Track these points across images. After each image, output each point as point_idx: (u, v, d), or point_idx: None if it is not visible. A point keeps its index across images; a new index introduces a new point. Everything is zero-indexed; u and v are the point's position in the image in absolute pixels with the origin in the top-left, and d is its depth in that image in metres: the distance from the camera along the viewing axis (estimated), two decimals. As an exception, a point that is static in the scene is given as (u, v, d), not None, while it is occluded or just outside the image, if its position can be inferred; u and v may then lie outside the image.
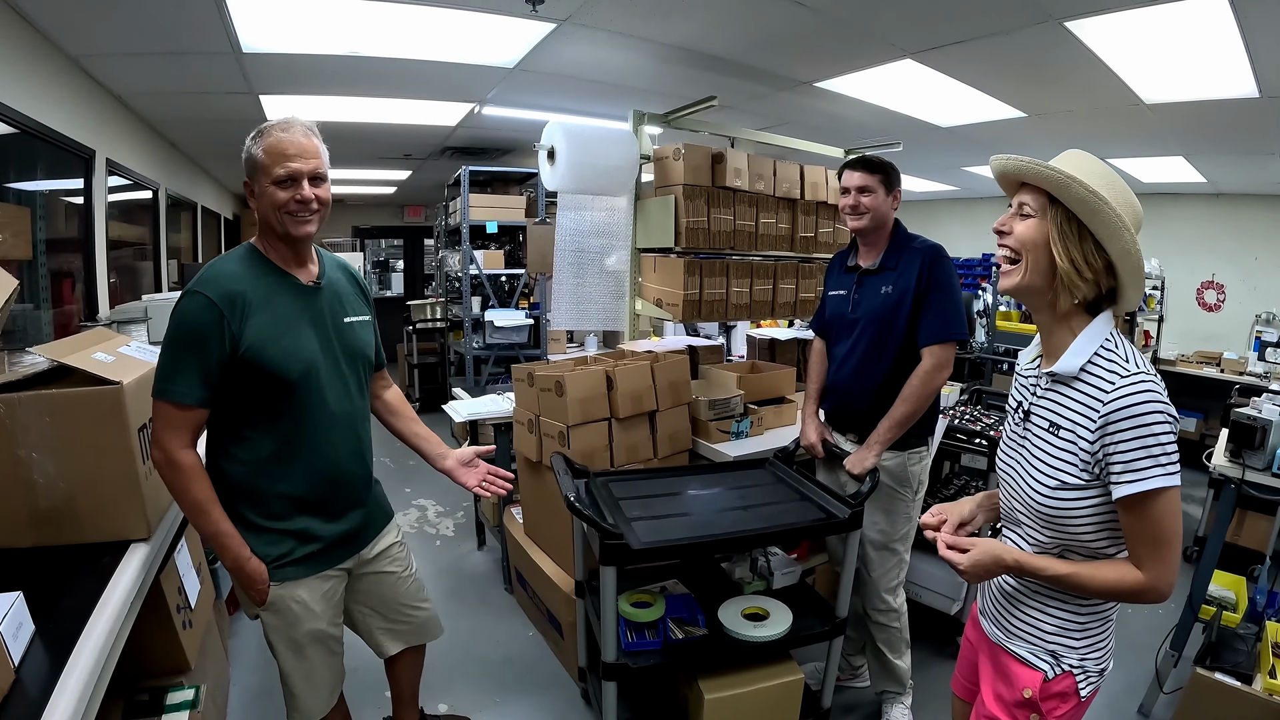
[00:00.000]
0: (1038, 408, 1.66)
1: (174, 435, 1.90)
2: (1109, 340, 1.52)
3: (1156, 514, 1.44)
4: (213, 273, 1.96)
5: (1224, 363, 7.82)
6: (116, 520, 2.02)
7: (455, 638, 3.90)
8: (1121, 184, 1.50)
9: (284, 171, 1.96)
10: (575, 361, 3.76)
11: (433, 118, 6.49)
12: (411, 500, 6.05)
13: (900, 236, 3.05)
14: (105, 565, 1.89)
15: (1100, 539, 1.56)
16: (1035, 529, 1.65)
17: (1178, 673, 3.41)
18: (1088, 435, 1.49)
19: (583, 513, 2.42)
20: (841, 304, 3.14)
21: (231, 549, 2.00)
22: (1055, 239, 1.51)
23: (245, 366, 1.94)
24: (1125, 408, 1.43)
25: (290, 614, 2.15)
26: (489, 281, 8.03)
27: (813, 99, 5.49)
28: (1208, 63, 4.11)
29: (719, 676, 2.65)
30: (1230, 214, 8.60)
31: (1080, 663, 1.65)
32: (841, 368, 3.12)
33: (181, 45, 4.25)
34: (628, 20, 3.96)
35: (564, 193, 4.14)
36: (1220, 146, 6.28)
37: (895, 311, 2.92)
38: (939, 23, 3.87)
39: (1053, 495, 1.56)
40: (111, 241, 5.33)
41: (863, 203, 2.97)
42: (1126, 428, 1.43)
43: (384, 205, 13.98)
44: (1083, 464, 1.51)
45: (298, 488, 2.10)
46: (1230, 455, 3.38)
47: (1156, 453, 1.41)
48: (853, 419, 3.14)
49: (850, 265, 3.17)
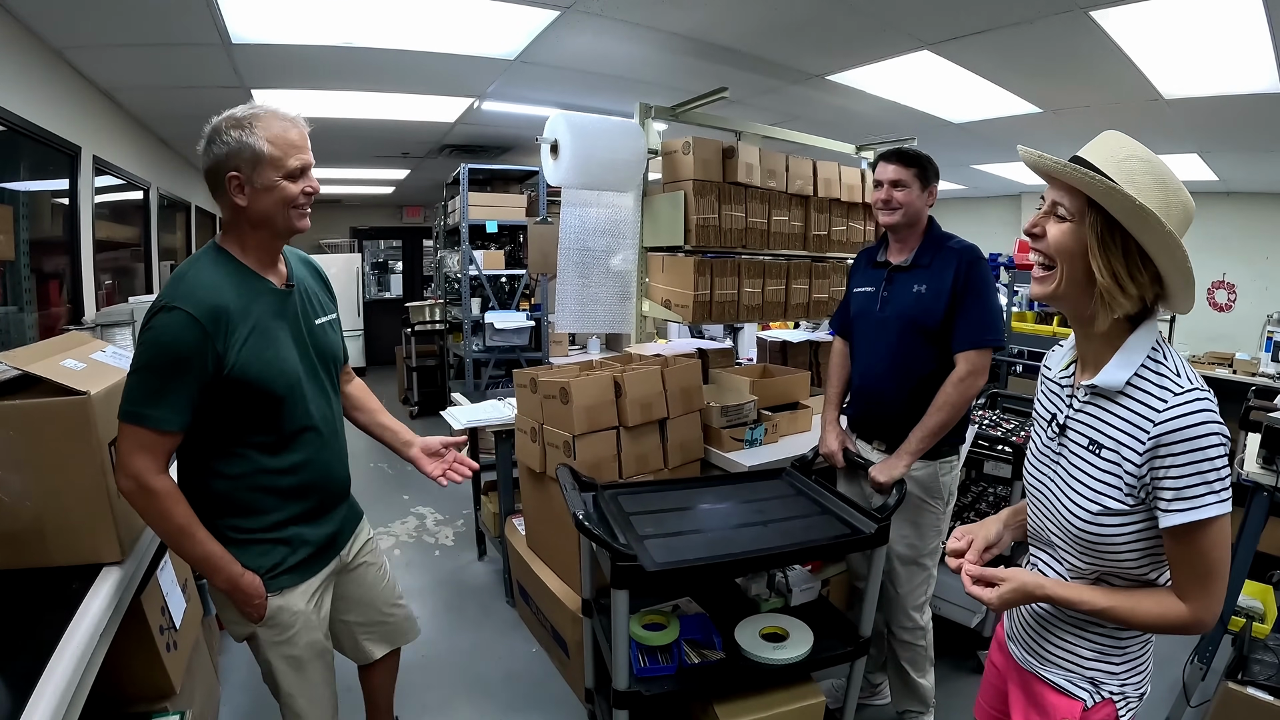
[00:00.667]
0: (1075, 422, 1.51)
1: (148, 461, 1.75)
2: (1155, 350, 1.39)
3: (1207, 544, 1.32)
4: (189, 284, 1.81)
5: (1236, 363, 7.77)
6: (86, 541, 1.92)
7: (455, 654, 3.84)
8: (1168, 176, 1.32)
9: (299, 163, 1.88)
10: (580, 366, 3.64)
11: (431, 113, 6.40)
12: (410, 508, 5.93)
13: (935, 234, 2.93)
14: (75, 591, 1.80)
15: (1143, 565, 1.44)
16: (1071, 553, 1.51)
17: (1204, 686, 3.27)
18: (1135, 458, 1.35)
19: (593, 533, 2.26)
20: (869, 301, 3.01)
21: (224, 569, 1.88)
22: (1095, 250, 1.34)
23: (230, 385, 1.82)
24: (1181, 429, 1.29)
25: (289, 626, 2.05)
26: (489, 282, 7.92)
27: (824, 93, 5.38)
28: (1231, 56, 4.05)
29: (736, 701, 2.50)
30: (1241, 213, 8.57)
31: (1121, 688, 1.53)
32: (869, 370, 3.01)
33: (169, 36, 4.13)
34: (634, 7, 3.83)
35: (568, 188, 4.03)
36: (1236, 143, 6.25)
37: (929, 312, 2.79)
38: (961, 11, 3.76)
39: (1094, 521, 1.43)
40: (103, 242, 5.23)
41: (895, 197, 2.85)
42: (1181, 450, 1.29)
43: (382, 206, 13.92)
44: (1128, 488, 1.38)
45: (288, 498, 2.02)
46: (1263, 462, 3.25)
47: (1211, 478, 1.28)
48: (881, 426, 3.01)
49: (880, 261, 3.03)
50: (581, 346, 6.85)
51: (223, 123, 1.84)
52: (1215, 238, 8.60)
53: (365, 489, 6.24)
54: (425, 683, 3.54)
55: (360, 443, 7.19)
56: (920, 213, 2.89)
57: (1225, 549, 1.33)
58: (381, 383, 11.57)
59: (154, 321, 1.75)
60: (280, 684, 2.10)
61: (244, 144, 1.81)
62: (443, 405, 7.99)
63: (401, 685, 3.46)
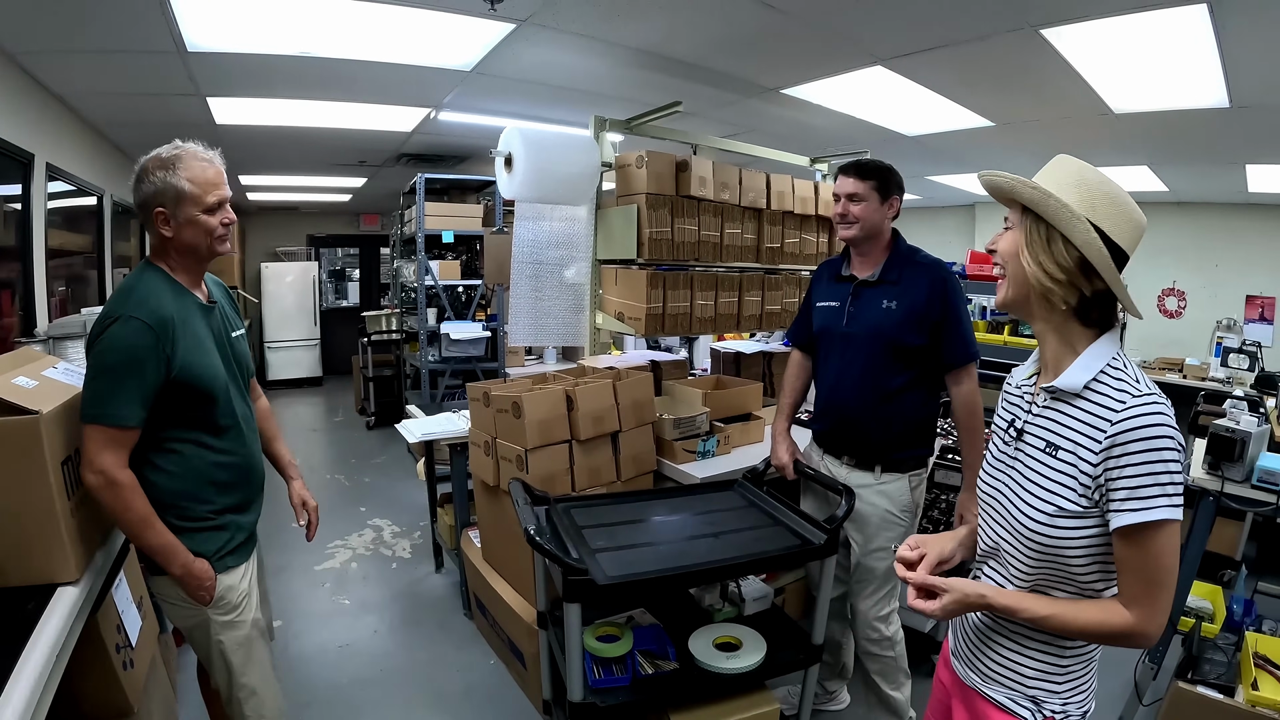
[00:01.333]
0: (1033, 426, 1.54)
1: (113, 456, 1.94)
2: (1117, 359, 1.43)
3: (1156, 549, 1.33)
4: (139, 296, 2.02)
5: (1186, 368, 8.00)
6: (39, 562, 1.90)
7: (413, 666, 3.83)
8: (1098, 181, 1.42)
9: (215, 199, 2.12)
10: (534, 379, 3.64)
11: (388, 123, 6.36)
12: (367, 520, 5.89)
13: (902, 249, 2.91)
14: (30, 612, 1.77)
15: (1092, 573, 1.44)
16: (1020, 561, 1.52)
17: (1156, 685, 3.37)
18: (1090, 458, 1.38)
19: (544, 548, 2.28)
20: (834, 316, 2.97)
21: (179, 556, 2.07)
22: (1023, 245, 1.45)
23: (175, 386, 2.04)
24: (1136, 429, 1.32)
25: (236, 606, 2.26)
26: (445, 292, 7.93)
27: (779, 106, 5.43)
28: (1180, 72, 4.11)
29: (691, 710, 2.52)
30: (1191, 222, 8.76)
31: (1064, 707, 1.53)
32: (838, 385, 2.97)
33: (123, 43, 4.09)
34: (590, 21, 3.84)
35: (521, 201, 4.03)
36: (1185, 156, 6.37)
37: (900, 328, 2.78)
38: (915, 28, 3.81)
39: (1048, 523, 1.43)
40: (54, 250, 5.14)
41: (852, 211, 2.84)
42: (1136, 451, 1.32)
43: (339, 213, 13.73)
44: (1082, 489, 1.40)
45: (221, 484, 2.22)
46: (1208, 467, 3.36)
47: (1165, 482, 1.30)
48: (851, 441, 2.98)
49: (844, 274, 3.00)
50: (538, 357, 6.85)
51: (149, 163, 2.08)
52: (1166, 247, 8.80)
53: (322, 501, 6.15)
54: (384, 697, 3.53)
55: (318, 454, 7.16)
56: (880, 225, 2.87)
57: (1174, 558, 1.35)
58: (338, 393, 11.48)
59: (111, 329, 1.94)
60: (232, 664, 2.27)
61: (168, 184, 2.06)
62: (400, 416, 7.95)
63: (361, 700, 3.49)
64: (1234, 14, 3.23)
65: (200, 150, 2.14)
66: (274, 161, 8.29)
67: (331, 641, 4.01)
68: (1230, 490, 3.26)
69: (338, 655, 3.89)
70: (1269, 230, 8.23)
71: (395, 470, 7.29)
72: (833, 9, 3.60)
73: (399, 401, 9.08)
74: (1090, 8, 3.37)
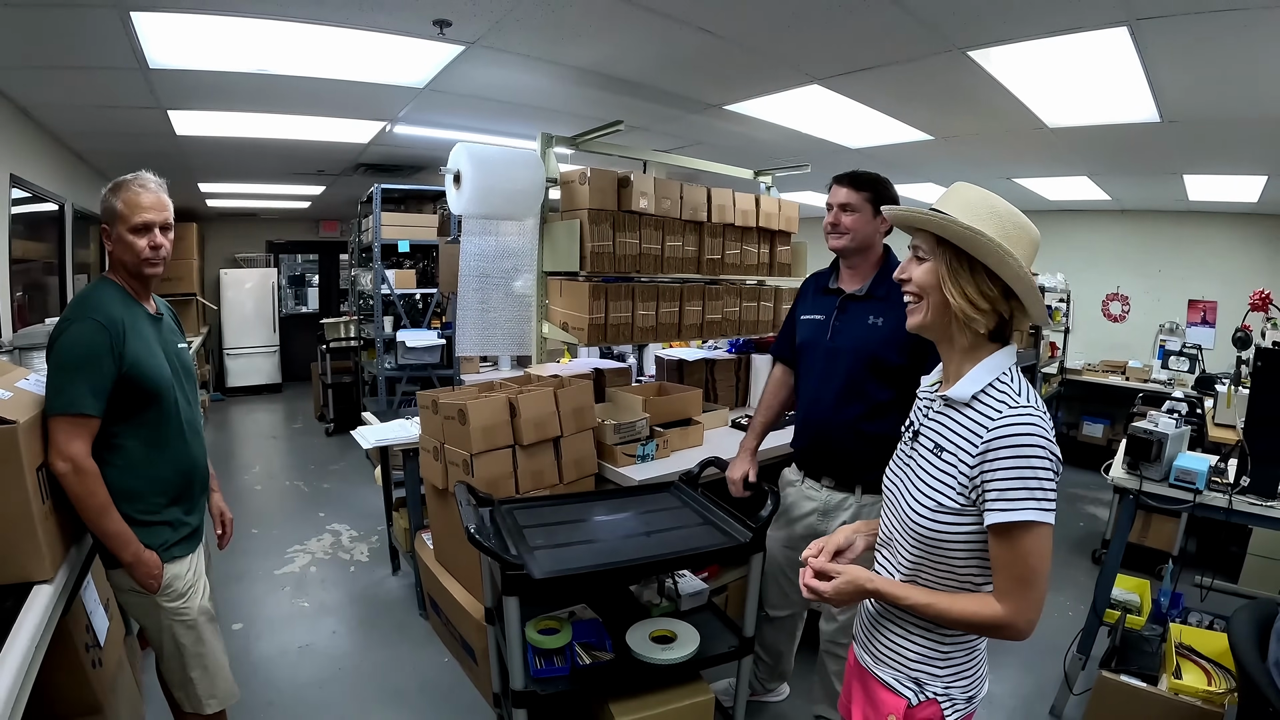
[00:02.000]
0: (926, 428, 1.67)
1: (80, 445, 2.12)
2: (1006, 374, 1.54)
3: (1024, 548, 1.44)
4: (93, 301, 2.24)
5: (1129, 371, 8.22)
6: (16, 562, 1.99)
7: (371, 666, 3.92)
8: (1006, 209, 1.52)
9: (140, 220, 2.29)
10: (480, 387, 3.75)
11: (344, 135, 6.44)
12: (325, 525, 5.97)
13: (893, 264, 2.80)
14: (8, 609, 1.86)
15: (970, 568, 1.57)
16: (907, 550, 1.65)
17: (1086, 674, 3.52)
18: (969, 459, 1.50)
19: (483, 545, 2.42)
20: (818, 330, 2.93)
21: (132, 544, 2.25)
22: (945, 277, 1.53)
23: (126, 382, 2.23)
24: (1008, 437, 1.44)
25: (182, 594, 2.42)
26: (401, 301, 8.01)
27: (723, 121, 5.57)
28: (1110, 90, 4.25)
29: (630, 700, 2.66)
30: (1134, 229, 9.02)
31: (945, 691, 1.65)
32: (818, 402, 2.91)
33: (87, 59, 4.19)
34: (536, 44, 3.98)
35: (469, 217, 4.13)
36: (1123, 167, 6.57)
37: (885, 345, 2.72)
38: (845, 50, 3.96)
39: (930, 517, 1.57)
40: (16, 259, 5.16)
41: (844, 221, 2.79)
42: (1006, 456, 1.44)
43: (299, 220, 13.65)
44: (960, 488, 1.52)
45: (167, 482, 2.40)
46: (1128, 467, 3.49)
47: (1033, 486, 1.42)
48: (830, 461, 2.95)
49: (831, 287, 2.96)
50: (493, 364, 6.95)
51: (106, 186, 2.33)
52: (1110, 253, 9.09)
53: (282, 506, 6.35)
54: (343, 696, 3.63)
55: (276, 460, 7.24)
56: (872, 238, 2.81)
57: (1043, 558, 1.45)
58: (297, 399, 11.44)
59: (69, 330, 2.15)
60: (183, 645, 2.45)
61: (110, 204, 2.30)
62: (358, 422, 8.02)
63: (320, 699, 3.58)
64: (1154, 35, 3.36)
65: (146, 178, 2.35)
66: (234, 170, 8.32)
67: (292, 643, 4.10)
68: (1149, 489, 3.38)
69: (298, 656, 3.97)
70: (1210, 236, 8.46)
71: (354, 476, 7.37)
72: (766, 33, 3.76)
73: (358, 408, 9.13)
74: (1013, 31, 3.51)
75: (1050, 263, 8.65)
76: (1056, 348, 8.51)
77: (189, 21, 3.63)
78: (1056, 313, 8.12)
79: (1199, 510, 3.31)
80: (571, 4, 3.41)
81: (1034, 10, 3.27)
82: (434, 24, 3.63)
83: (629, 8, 3.44)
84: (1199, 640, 3.32)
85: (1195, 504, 3.28)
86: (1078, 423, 8.72)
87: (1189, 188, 7.09)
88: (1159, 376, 7.72)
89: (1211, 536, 5.37)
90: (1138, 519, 5.21)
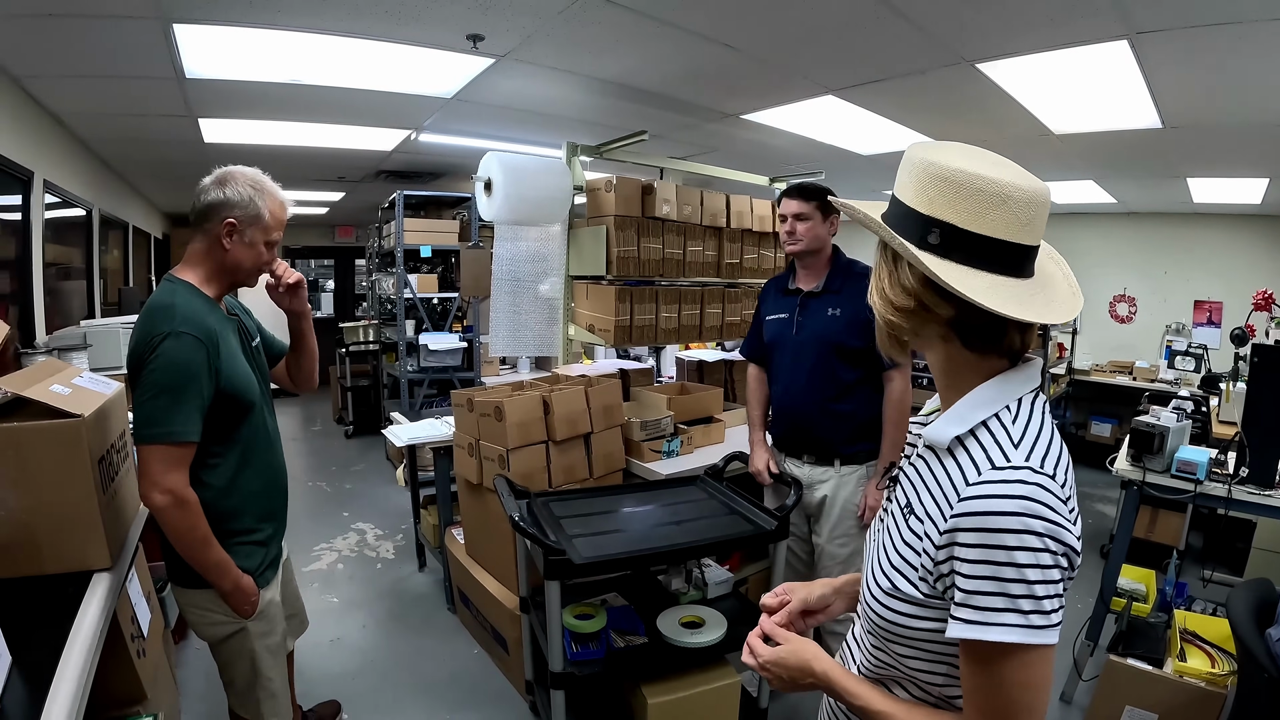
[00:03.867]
0: (904, 475, 1.22)
1: (179, 476, 1.97)
2: (1011, 409, 1.08)
3: (1003, 677, 0.99)
4: (185, 311, 2.03)
5: (1136, 371, 8.26)
6: (78, 550, 2.02)
7: (401, 658, 4.01)
8: (927, 163, 1.09)
9: (279, 236, 2.22)
10: (512, 386, 3.86)
11: (369, 143, 6.54)
12: (350, 524, 6.07)
13: (841, 262, 3.20)
14: (71, 595, 1.89)
15: (937, 679, 1.13)
16: (868, 638, 1.23)
17: (1094, 661, 3.62)
18: (936, 536, 1.05)
19: (527, 531, 2.55)
20: (784, 327, 3.23)
21: (230, 573, 2.12)
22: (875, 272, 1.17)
23: (222, 398, 2.07)
24: (980, 513, 0.98)
25: (272, 618, 2.33)
26: (423, 305, 8.10)
27: (740, 129, 5.68)
28: (1112, 98, 4.38)
29: (661, 682, 2.77)
30: (1140, 231, 9.05)
31: None
32: (790, 389, 3.21)
33: (125, 70, 4.26)
34: (563, 57, 4.10)
35: (500, 223, 4.25)
36: (1128, 172, 6.65)
37: (846, 333, 3.03)
38: (857, 63, 4.09)
39: (884, 602, 1.14)
40: (48, 264, 5.25)
41: (799, 229, 3.12)
42: (974, 542, 0.98)
43: (315, 225, 13.78)
44: (924, 570, 1.07)
45: (260, 499, 2.27)
46: (1132, 459, 3.59)
47: (1016, 591, 0.95)
48: (806, 441, 3.23)
49: (791, 288, 3.27)
50: (512, 367, 7.05)
51: (238, 174, 2.15)
52: (1116, 255, 9.13)
53: (306, 506, 6.45)
54: (375, 685, 3.73)
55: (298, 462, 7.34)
56: (823, 240, 3.15)
57: (1032, 690, 0.99)
58: (315, 402, 11.47)
59: (163, 347, 1.95)
60: (261, 670, 2.32)
61: (253, 201, 2.13)
62: (377, 425, 8.11)
63: (353, 689, 3.66)
64: (1153, 48, 3.48)
65: (280, 191, 2.26)
66: None
67: (323, 636, 4.15)
68: (1152, 479, 3.49)
69: (329, 649, 4.05)
70: (1214, 238, 8.49)
71: (374, 477, 7.45)
72: (783, 48, 3.89)
73: (376, 411, 9.23)
74: (1018, 45, 3.64)
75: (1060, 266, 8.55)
76: (1064, 348, 8.60)
77: (228, 33, 3.73)
78: (1062, 315, 8.20)
79: (1200, 500, 3.41)
80: (599, 20, 3.54)
81: (1038, 26, 3.40)
82: (467, 38, 3.76)
83: (653, 23, 3.57)
84: (1202, 626, 3.42)
85: (1196, 494, 3.38)
86: (1086, 422, 8.79)
87: (1193, 190, 7.15)
88: (1165, 376, 7.75)
89: (1217, 531, 5.43)
90: (1144, 514, 5.33)
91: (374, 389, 9.66)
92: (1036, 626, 0.95)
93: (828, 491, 3.16)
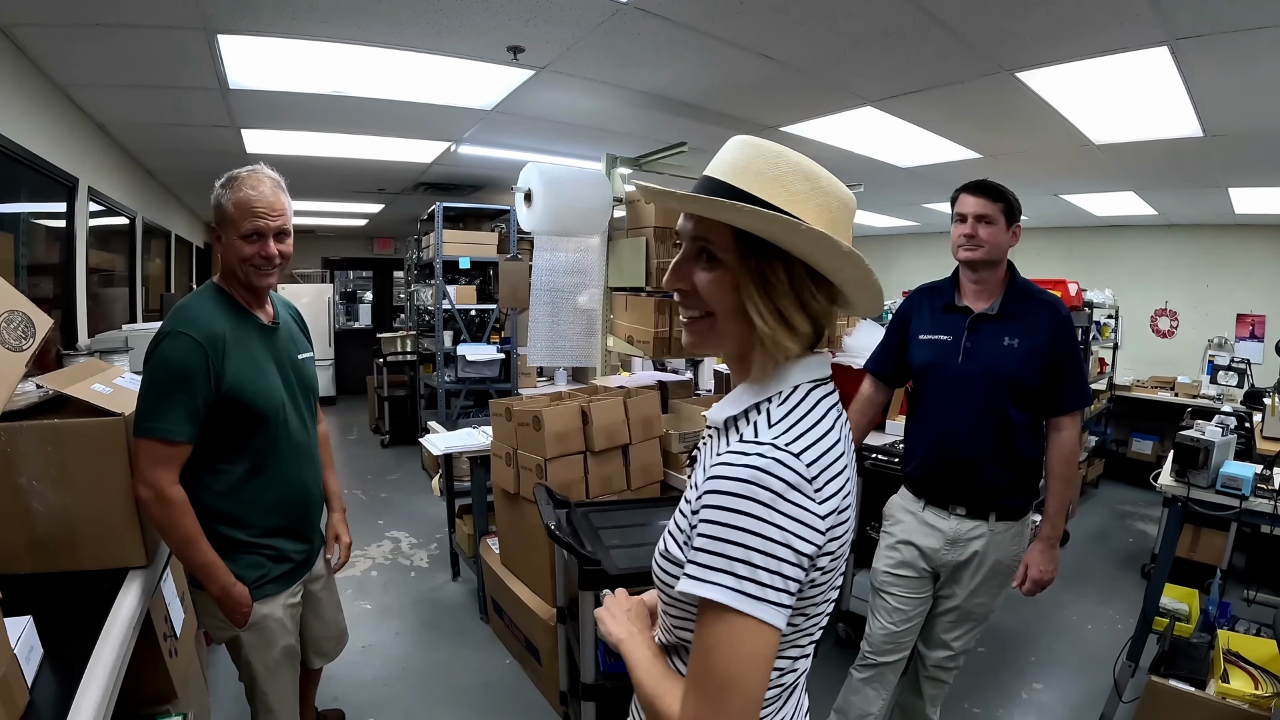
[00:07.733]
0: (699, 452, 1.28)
1: (164, 471, 1.96)
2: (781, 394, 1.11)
3: (714, 640, 0.99)
4: (191, 313, 2.06)
5: (1178, 386, 8.07)
6: (114, 548, 2.04)
7: (434, 666, 4.02)
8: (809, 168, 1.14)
9: (250, 228, 2.08)
10: (550, 397, 3.87)
11: (409, 155, 6.60)
12: (385, 532, 6.10)
13: (1018, 282, 2.67)
14: (106, 591, 1.91)
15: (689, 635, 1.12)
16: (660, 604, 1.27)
17: (1135, 682, 3.52)
18: (694, 502, 1.07)
19: (563, 540, 2.55)
20: (945, 351, 2.69)
21: (219, 578, 2.09)
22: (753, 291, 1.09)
23: (225, 403, 2.06)
24: (716, 477, 1.01)
25: (269, 632, 2.28)
26: (461, 316, 8.14)
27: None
28: (1153, 106, 4.31)
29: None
30: (1181, 244, 8.91)
31: None
32: (950, 428, 2.67)
33: (170, 80, 4.33)
34: (604, 69, 4.11)
35: (539, 234, 4.26)
36: (1169, 182, 6.54)
37: (1023, 369, 2.55)
38: (897, 74, 4.06)
39: (660, 563, 1.17)
40: (92, 270, 5.36)
41: (981, 233, 2.59)
42: (709, 504, 1.01)
43: (354, 237, 14.03)
44: (683, 534, 1.11)
45: (270, 511, 2.24)
46: (1176, 475, 3.50)
47: (733, 554, 0.97)
48: (964, 489, 2.68)
49: (957, 306, 2.71)
50: (549, 378, 7.06)
51: (221, 179, 2.13)
52: (1157, 268, 9.00)
53: (342, 513, 6.43)
54: (407, 692, 3.74)
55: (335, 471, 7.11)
56: (1004, 251, 2.63)
57: (741, 664, 0.98)
58: (352, 412, 11.62)
59: (161, 345, 1.99)
60: (257, 684, 2.31)
61: (221, 205, 2.11)
62: (413, 435, 8.14)
63: (385, 695, 3.68)
64: (1193, 54, 3.43)
65: (261, 175, 2.14)
66: (298, 188, 8.23)
67: (356, 642, 4.06)
68: (1196, 495, 3.40)
69: (362, 655, 4.06)
70: (1257, 250, 8.36)
71: (410, 486, 7.50)
72: (823, 59, 3.87)
73: (413, 420, 9.28)
74: (1058, 53, 3.61)
75: (1098, 278, 8.56)
76: (1105, 364, 8.46)
77: (271, 45, 3.78)
78: (1105, 328, 8.08)
79: (1245, 516, 3.33)
80: (639, 32, 3.54)
81: (1077, 33, 3.36)
82: (508, 50, 3.78)
83: (692, 35, 3.56)
84: (1246, 647, 3.33)
85: (1241, 510, 3.30)
86: (1127, 439, 8.59)
87: (1235, 201, 7.05)
88: (1208, 392, 7.56)
89: (1260, 551, 5.36)
90: (1186, 533, 5.22)
91: (410, 399, 9.71)
92: (749, 595, 0.96)
93: (979, 548, 2.66)
